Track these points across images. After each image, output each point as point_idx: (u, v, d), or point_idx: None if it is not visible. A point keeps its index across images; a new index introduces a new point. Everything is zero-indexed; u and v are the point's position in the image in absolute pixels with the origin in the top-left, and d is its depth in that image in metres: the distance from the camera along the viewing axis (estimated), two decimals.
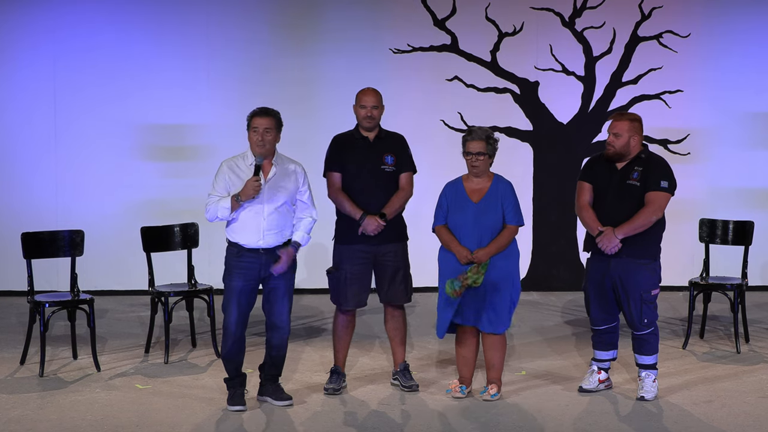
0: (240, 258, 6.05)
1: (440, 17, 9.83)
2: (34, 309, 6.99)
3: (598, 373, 6.48)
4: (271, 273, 6.06)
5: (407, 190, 6.51)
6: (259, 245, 6.04)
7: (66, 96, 9.70)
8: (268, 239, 6.05)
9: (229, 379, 6.20)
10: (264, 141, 6.01)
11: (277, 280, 6.10)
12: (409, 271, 6.56)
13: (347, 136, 6.53)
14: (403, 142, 6.58)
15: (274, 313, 6.16)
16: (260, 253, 6.05)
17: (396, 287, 6.48)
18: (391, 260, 6.45)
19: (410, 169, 6.55)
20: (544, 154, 9.96)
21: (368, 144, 6.46)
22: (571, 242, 9.93)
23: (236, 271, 6.06)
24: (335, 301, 6.53)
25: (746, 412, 6.09)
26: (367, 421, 5.96)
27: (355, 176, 6.43)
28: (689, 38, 9.83)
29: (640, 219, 6.17)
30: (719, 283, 7.67)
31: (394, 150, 6.49)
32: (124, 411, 6.11)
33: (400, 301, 6.53)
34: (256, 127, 6.01)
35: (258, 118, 6.03)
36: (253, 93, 9.62)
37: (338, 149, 6.49)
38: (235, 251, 6.07)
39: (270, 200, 6.04)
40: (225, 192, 6.03)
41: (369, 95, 6.44)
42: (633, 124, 6.27)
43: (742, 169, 9.93)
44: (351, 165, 6.44)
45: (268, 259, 6.06)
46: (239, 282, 6.05)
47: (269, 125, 6.02)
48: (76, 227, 7.52)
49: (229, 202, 5.97)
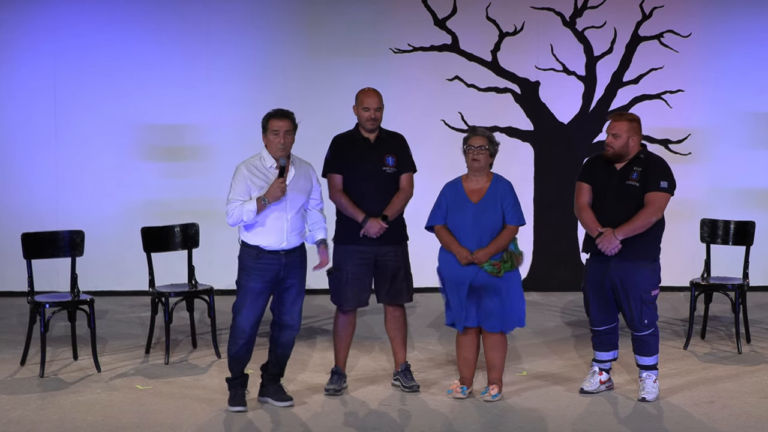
0: (259, 260, 6.02)
1: (441, 17, 9.81)
2: (34, 309, 6.98)
3: (599, 374, 6.47)
4: (289, 274, 6.04)
5: (408, 191, 6.49)
6: (282, 247, 6.02)
7: (66, 95, 9.69)
8: (291, 240, 6.04)
9: (232, 379, 6.18)
10: (285, 143, 5.99)
11: (292, 279, 6.09)
12: (410, 271, 6.55)
13: (348, 137, 6.51)
14: (403, 142, 6.56)
15: (287, 311, 6.14)
16: (281, 254, 6.03)
17: (398, 286, 6.47)
18: (392, 261, 6.44)
19: (411, 169, 6.53)
20: (545, 154, 9.95)
21: (369, 145, 6.44)
22: (572, 242, 9.91)
23: (255, 273, 6.02)
24: (335, 302, 6.51)
25: (748, 413, 6.08)
26: (367, 422, 5.95)
27: (356, 178, 6.41)
28: (690, 38, 9.82)
29: (639, 220, 6.16)
30: (720, 284, 7.66)
31: (395, 151, 6.46)
32: (124, 412, 6.10)
33: (403, 300, 6.51)
34: (276, 130, 5.97)
35: (277, 121, 5.99)
36: (254, 93, 9.61)
37: (339, 150, 6.46)
38: (255, 253, 6.02)
39: (292, 202, 6.03)
40: (246, 195, 5.96)
41: (372, 97, 6.40)
42: (631, 125, 6.26)
43: (744, 169, 9.92)
44: (352, 166, 6.42)
45: (287, 261, 6.05)
46: (258, 284, 6.02)
47: (288, 127, 6.00)
48: (76, 227, 7.51)
49: (254, 205, 5.91)
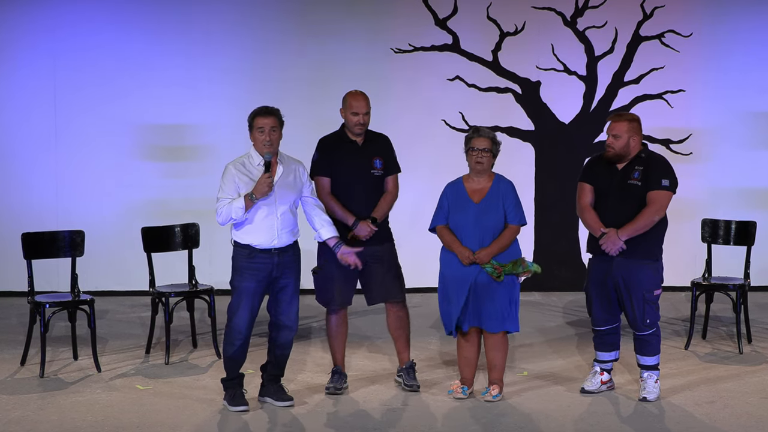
0: (252, 259, 6.01)
1: (441, 17, 9.80)
2: (34, 309, 6.97)
3: (600, 374, 6.45)
4: (281, 273, 6.02)
5: (394, 193, 6.49)
6: (273, 245, 6.01)
7: (66, 95, 9.69)
8: (282, 238, 6.03)
9: (228, 380, 6.17)
10: (271, 140, 5.98)
11: (286, 279, 6.08)
12: (401, 269, 6.53)
13: (334, 139, 6.46)
14: (388, 143, 6.55)
15: (284, 312, 6.13)
16: (272, 253, 6.02)
17: (390, 283, 6.44)
18: (380, 260, 6.41)
19: (396, 170, 6.53)
20: (546, 154, 9.94)
21: (357, 148, 6.41)
22: (573, 242, 9.90)
23: (248, 273, 6.01)
24: (322, 302, 6.51)
25: (749, 413, 6.07)
26: (368, 422, 5.94)
27: (344, 181, 6.38)
28: (691, 38, 9.81)
29: (642, 219, 6.15)
30: (721, 284, 7.65)
31: (381, 153, 6.45)
32: (124, 412, 6.09)
33: (397, 297, 6.48)
34: (261, 127, 5.97)
35: (262, 118, 5.99)
36: (254, 92, 9.60)
37: (327, 153, 6.42)
38: (247, 252, 6.02)
39: (282, 199, 6.02)
40: (235, 194, 5.97)
41: (360, 101, 6.35)
42: (632, 125, 6.25)
43: (745, 169, 9.91)
44: (340, 169, 6.38)
45: (280, 260, 6.04)
46: (251, 283, 6.02)
47: (274, 124, 5.99)
48: (77, 227, 7.51)
49: (243, 202, 5.90)
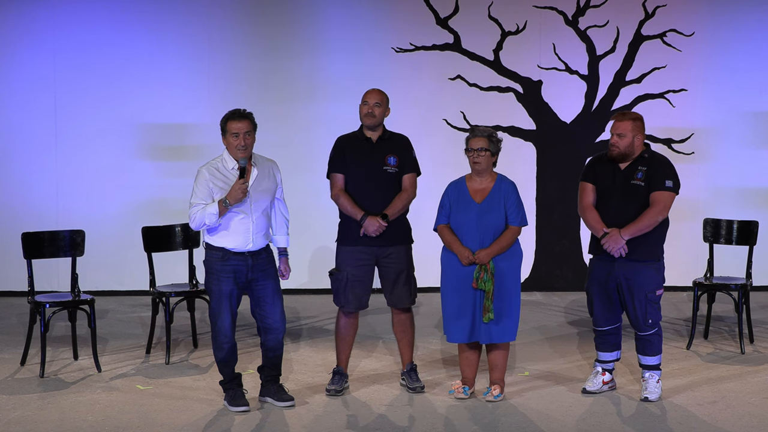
0: (226, 261, 5.99)
1: (443, 16, 9.79)
2: (34, 309, 6.96)
3: (602, 374, 6.44)
4: (257, 276, 6.02)
5: (410, 192, 6.46)
6: (248, 248, 6.00)
7: (66, 95, 9.67)
8: (257, 242, 6.02)
9: (226, 381, 6.16)
10: (246, 145, 5.94)
11: (264, 280, 6.06)
12: (413, 273, 6.51)
13: (350, 137, 6.50)
14: (407, 143, 6.53)
15: (268, 314, 6.10)
16: (246, 256, 6.01)
17: (399, 289, 6.44)
18: (394, 262, 6.40)
19: (413, 170, 6.50)
20: (548, 154, 9.92)
21: (371, 145, 6.42)
22: (575, 242, 9.89)
23: (224, 275, 5.99)
24: (337, 303, 6.49)
25: (751, 413, 6.05)
26: (368, 422, 5.93)
27: (357, 177, 6.39)
28: (693, 37, 9.80)
29: (645, 219, 6.13)
30: (723, 284, 7.63)
31: (396, 151, 6.44)
32: (125, 412, 6.08)
33: (404, 304, 6.48)
34: (236, 132, 5.91)
35: (235, 122, 5.93)
36: (254, 92, 9.60)
37: (341, 150, 6.45)
38: (220, 255, 5.99)
39: (256, 203, 6.00)
40: (209, 199, 5.93)
41: (372, 93, 6.41)
42: (636, 123, 6.24)
43: (747, 169, 9.90)
44: (353, 166, 6.40)
45: (254, 263, 6.02)
46: (228, 285, 6.00)
47: (248, 128, 5.95)
48: (77, 227, 7.50)
49: (216, 208, 5.87)
